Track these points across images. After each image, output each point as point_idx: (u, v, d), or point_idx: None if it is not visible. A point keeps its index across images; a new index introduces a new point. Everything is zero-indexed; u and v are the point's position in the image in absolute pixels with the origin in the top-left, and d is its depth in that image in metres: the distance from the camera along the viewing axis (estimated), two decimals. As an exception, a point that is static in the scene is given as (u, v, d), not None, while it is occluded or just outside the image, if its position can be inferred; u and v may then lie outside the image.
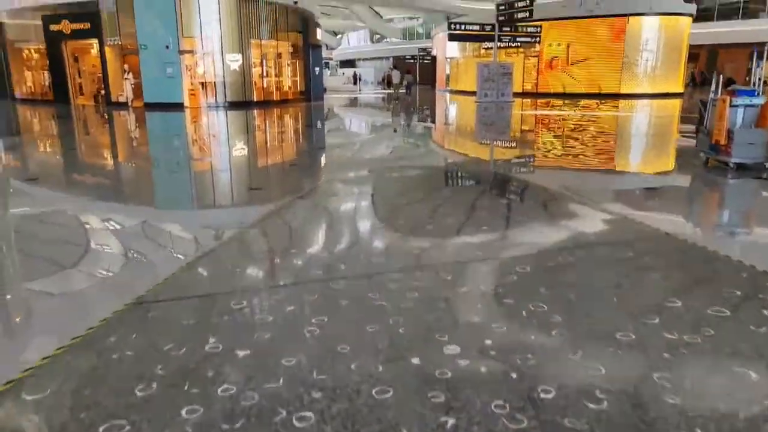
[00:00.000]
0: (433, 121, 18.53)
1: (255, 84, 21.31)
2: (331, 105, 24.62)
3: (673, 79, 26.11)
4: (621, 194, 6.52)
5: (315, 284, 3.35)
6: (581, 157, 9.10)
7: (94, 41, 21.02)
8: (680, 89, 26.65)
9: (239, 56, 20.13)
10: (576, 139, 11.31)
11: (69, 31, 20.87)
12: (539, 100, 24.64)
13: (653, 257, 3.90)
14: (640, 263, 3.77)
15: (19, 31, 23.40)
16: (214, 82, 20.09)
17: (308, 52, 23.67)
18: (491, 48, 25.89)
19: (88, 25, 20.42)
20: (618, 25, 25.15)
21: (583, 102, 22.65)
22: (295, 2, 21.89)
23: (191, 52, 19.79)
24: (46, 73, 22.85)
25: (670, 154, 9.90)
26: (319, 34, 24.99)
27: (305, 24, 23.20)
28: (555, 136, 12.14)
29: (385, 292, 3.20)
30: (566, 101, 23.38)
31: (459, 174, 8.39)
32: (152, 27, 19.30)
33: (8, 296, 3.46)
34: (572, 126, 13.97)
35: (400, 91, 31.88)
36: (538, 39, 22.83)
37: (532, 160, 9.11)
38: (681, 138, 11.45)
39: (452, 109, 23.06)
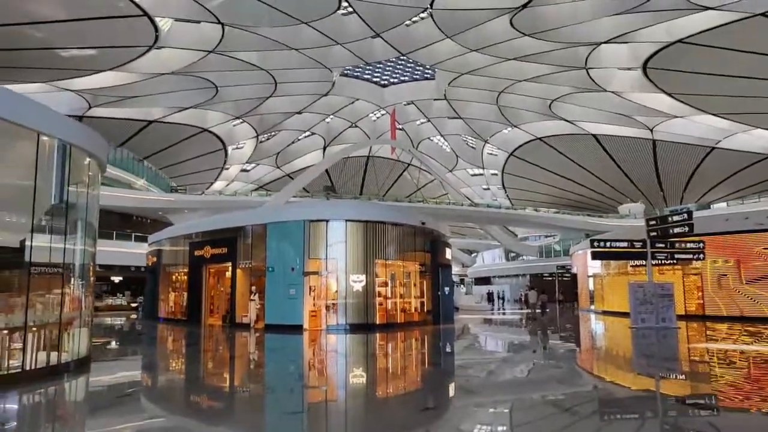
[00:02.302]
0: (578, 346, 15.44)
1: (378, 306, 19.97)
2: (462, 327, 22.34)
3: None
4: None
5: None
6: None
7: (229, 264, 21.56)
8: None
9: (363, 277, 19.21)
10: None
11: (209, 256, 21.75)
12: (712, 325, 20.37)
13: None
14: None
15: (172, 257, 25.12)
16: (336, 304, 19.04)
17: (437, 271, 22.34)
18: (640, 265, 22.89)
19: (225, 250, 21.19)
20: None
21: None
22: (423, 223, 21.32)
23: (316, 273, 19.27)
24: (185, 294, 23.60)
25: None
26: (449, 253, 23.89)
27: (434, 243, 22.26)
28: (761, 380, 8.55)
29: None
30: (747, 327, 18.96)
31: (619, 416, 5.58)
32: (281, 251, 19.35)
33: None
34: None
35: (537, 310, 29.18)
36: (701, 255, 19.59)
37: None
38: None
39: (600, 333, 19.64)
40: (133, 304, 35.80)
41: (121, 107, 42.45)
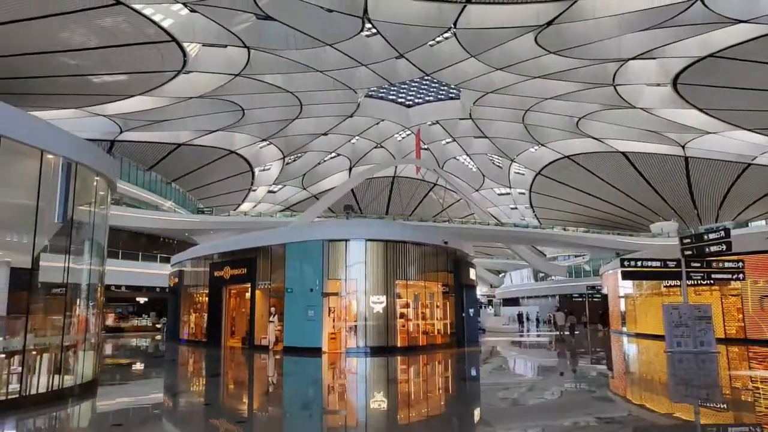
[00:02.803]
0: (610, 370, 14.55)
1: (399, 328, 19.21)
2: (488, 349, 21.50)
3: None
4: None
5: None
6: None
7: (248, 285, 21.10)
8: None
9: (383, 298, 18.56)
10: None
11: (228, 276, 21.42)
12: (756, 349, 19.11)
13: None
14: None
15: (193, 278, 24.86)
16: (356, 326, 18.40)
17: (460, 292, 21.57)
18: (674, 285, 21.79)
19: (244, 271, 20.76)
20: None
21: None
22: (445, 242, 20.59)
23: (335, 294, 18.69)
24: (205, 316, 23.24)
25: None
26: (473, 273, 23.06)
27: (457, 264, 21.51)
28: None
29: None
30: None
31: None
32: (300, 271, 18.88)
33: None
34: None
35: (565, 333, 28.04)
36: (741, 275, 18.44)
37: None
38: None
39: (633, 357, 18.60)
40: (158, 325, 35.69)
41: (151, 131, 43.08)
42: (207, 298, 22.99)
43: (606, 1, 30.15)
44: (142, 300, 34.05)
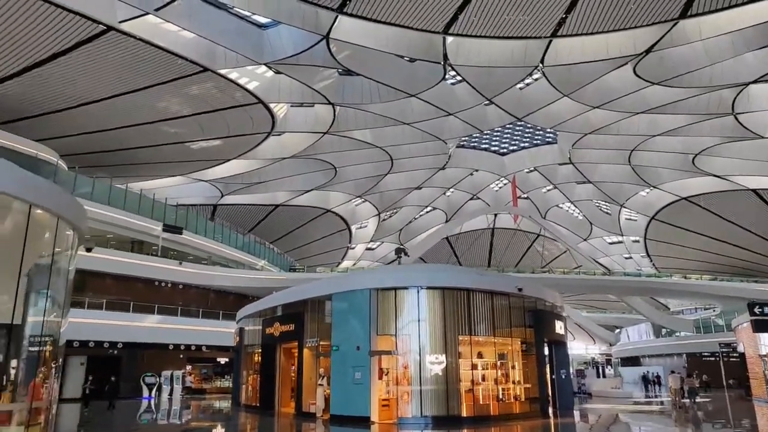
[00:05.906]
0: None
1: (464, 393, 15.43)
2: (583, 420, 17.06)
3: None
4: None
5: None
6: None
7: (296, 343, 18.38)
8: None
9: (443, 357, 15.06)
10: None
11: (278, 334, 18.94)
12: None
13: None
14: None
15: (251, 336, 22.53)
16: (410, 391, 14.98)
17: (549, 350, 17.47)
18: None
19: (292, 327, 18.15)
20: None
21: None
22: (519, 289, 16.67)
23: (388, 352, 15.43)
24: (258, 378, 20.63)
25: None
26: (560, 327, 18.70)
27: (538, 316, 17.43)
28: None
29: None
30: None
31: None
32: (346, 326, 16.09)
33: None
34: None
35: (684, 398, 22.50)
36: None
37: None
38: None
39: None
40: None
41: (248, 193, 43.69)
42: (260, 358, 20.70)
43: (714, 19, 25.61)
44: (223, 360, 32.74)
